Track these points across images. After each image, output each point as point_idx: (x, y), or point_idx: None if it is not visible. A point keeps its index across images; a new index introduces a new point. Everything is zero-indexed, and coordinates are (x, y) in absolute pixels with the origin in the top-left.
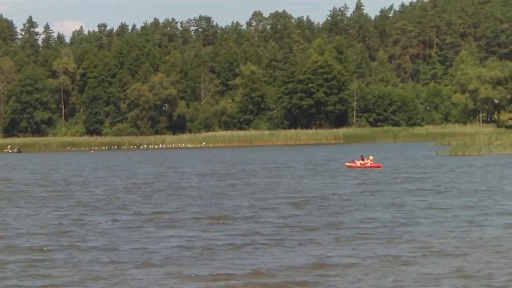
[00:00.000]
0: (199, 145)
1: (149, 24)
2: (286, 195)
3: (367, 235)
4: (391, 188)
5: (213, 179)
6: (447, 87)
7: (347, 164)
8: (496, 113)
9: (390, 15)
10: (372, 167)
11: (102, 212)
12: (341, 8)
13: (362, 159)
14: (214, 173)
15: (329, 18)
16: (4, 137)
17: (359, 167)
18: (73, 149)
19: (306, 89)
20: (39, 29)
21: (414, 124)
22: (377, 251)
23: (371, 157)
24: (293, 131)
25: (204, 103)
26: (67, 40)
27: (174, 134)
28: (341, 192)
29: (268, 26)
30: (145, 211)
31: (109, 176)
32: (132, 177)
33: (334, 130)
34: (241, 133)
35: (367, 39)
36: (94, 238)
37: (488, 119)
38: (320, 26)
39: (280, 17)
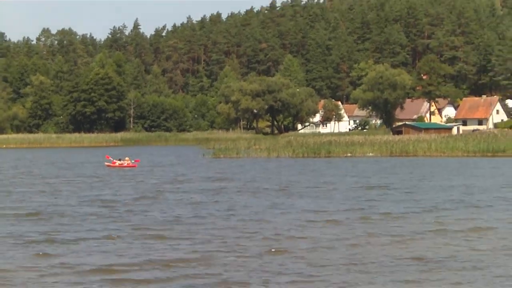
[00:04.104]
0: None
1: None
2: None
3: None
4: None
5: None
6: (213, 98)
7: (106, 164)
8: (255, 121)
9: (164, 34)
10: (128, 166)
11: None
12: (120, 27)
13: (120, 160)
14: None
15: (110, 35)
16: None
17: (117, 166)
18: None
19: (89, 98)
20: None
21: (184, 130)
22: None
23: (127, 158)
24: (77, 134)
25: None
26: None
27: None
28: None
29: (56, 42)
30: None
31: None
32: None
33: (114, 134)
34: (31, 136)
35: (143, 54)
36: None
37: (248, 126)
38: (102, 42)
39: (66, 34)
